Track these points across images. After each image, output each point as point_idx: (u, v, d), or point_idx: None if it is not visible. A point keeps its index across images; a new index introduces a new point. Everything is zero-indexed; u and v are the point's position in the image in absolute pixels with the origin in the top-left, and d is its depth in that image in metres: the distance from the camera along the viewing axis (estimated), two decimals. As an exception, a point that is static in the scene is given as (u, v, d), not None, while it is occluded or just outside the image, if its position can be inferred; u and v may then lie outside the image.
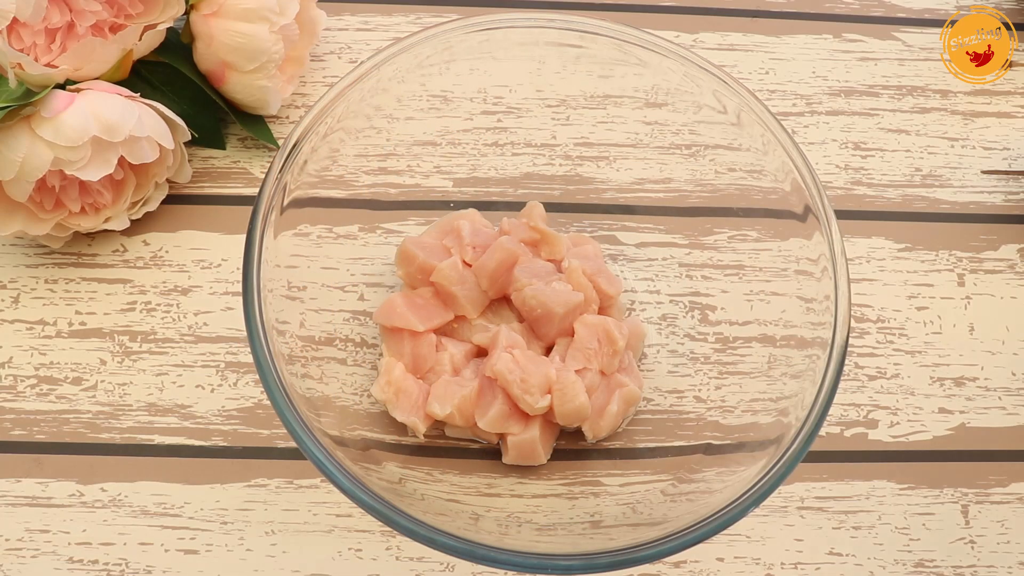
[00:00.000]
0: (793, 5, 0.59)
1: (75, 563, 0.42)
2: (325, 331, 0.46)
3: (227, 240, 0.50)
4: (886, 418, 0.47)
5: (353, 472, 0.35)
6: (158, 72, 0.50)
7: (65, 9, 0.44)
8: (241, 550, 0.43)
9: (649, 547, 0.34)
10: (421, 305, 0.45)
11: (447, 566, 0.43)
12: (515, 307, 0.45)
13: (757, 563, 0.43)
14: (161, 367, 0.46)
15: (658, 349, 0.47)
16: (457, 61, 0.46)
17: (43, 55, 0.45)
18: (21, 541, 0.42)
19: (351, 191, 0.48)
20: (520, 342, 0.44)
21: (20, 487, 0.43)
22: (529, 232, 0.47)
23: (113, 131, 0.43)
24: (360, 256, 0.48)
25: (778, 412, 0.41)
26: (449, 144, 0.50)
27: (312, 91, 0.54)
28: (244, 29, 0.47)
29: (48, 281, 0.48)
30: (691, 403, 0.46)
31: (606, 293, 0.45)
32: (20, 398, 0.45)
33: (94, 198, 0.47)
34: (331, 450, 0.35)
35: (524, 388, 0.42)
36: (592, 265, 0.46)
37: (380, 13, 0.57)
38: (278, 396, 0.36)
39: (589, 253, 0.47)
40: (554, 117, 0.51)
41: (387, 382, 0.43)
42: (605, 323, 0.44)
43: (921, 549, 0.44)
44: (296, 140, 0.41)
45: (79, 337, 0.47)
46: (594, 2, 0.59)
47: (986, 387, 0.48)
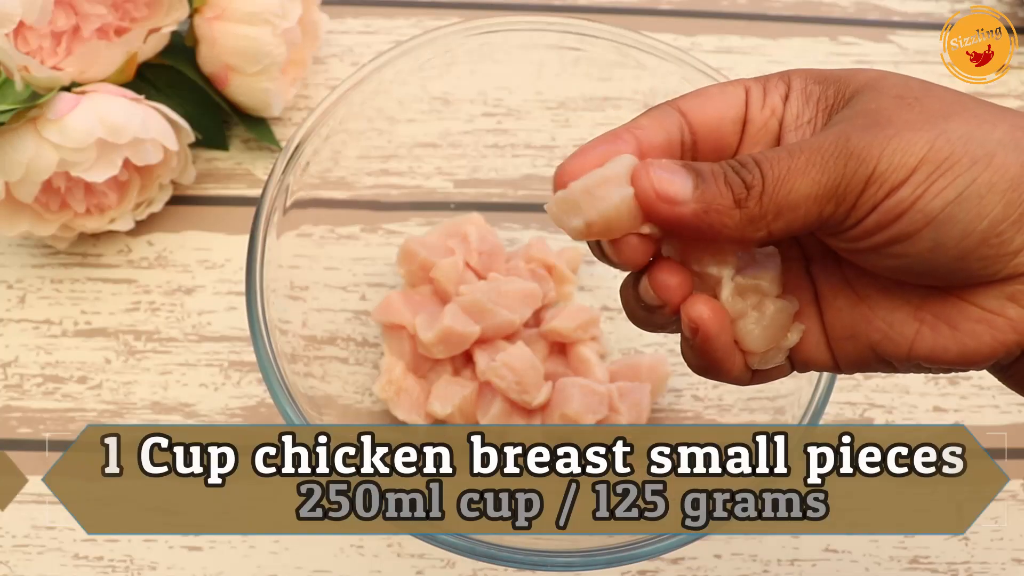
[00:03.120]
0: (790, 8, 0.60)
1: (80, 559, 0.42)
2: (327, 330, 0.46)
3: (230, 241, 0.50)
4: (882, 416, 0.47)
5: (355, 469, 0.36)
6: (162, 75, 0.50)
7: (71, 12, 0.45)
8: (244, 547, 0.43)
9: (648, 544, 0.35)
10: (419, 302, 0.45)
11: (448, 563, 0.43)
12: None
13: (754, 560, 0.44)
14: (165, 366, 0.47)
15: (656, 349, 0.48)
16: (458, 64, 0.47)
17: (49, 58, 0.45)
18: (27, 538, 0.43)
19: (353, 192, 0.48)
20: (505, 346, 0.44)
21: (26, 484, 0.44)
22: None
23: (118, 133, 0.43)
24: (362, 256, 0.49)
25: (775, 411, 0.41)
26: (450, 146, 0.51)
27: (314, 93, 0.55)
28: (247, 32, 0.47)
29: (54, 281, 0.49)
30: (689, 402, 0.46)
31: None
32: (26, 396, 0.46)
33: (99, 199, 0.47)
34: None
35: (521, 389, 0.42)
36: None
37: (382, 16, 0.57)
38: (281, 395, 0.36)
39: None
40: (554, 119, 0.52)
41: (388, 381, 0.44)
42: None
43: (916, 546, 0.44)
44: (299, 142, 0.41)
45: (84, 336, 0.47)
46: (593, 5, 0.59)
47: (980, 386, 0.48)
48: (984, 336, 0.25)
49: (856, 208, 0.24)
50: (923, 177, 0.23)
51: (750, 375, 0.28)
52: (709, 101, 0.28)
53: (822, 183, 0.24)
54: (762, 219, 0.24)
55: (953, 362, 0.25)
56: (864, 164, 0.23)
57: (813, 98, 0.27)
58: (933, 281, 0.25)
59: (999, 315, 0.24)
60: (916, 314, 0.26)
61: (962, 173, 0.23)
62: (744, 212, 0.24)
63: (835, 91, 0.27)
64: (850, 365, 0.27)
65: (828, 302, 0.27)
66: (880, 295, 0.26)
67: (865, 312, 0.26)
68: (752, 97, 0.28)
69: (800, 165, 0.24)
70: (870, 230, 0.24)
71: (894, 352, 0.26)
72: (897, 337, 0.26)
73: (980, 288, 0.25)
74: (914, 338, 0.26)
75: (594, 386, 0.43)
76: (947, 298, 0.25)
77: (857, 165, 0.24)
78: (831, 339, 0.27)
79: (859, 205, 0.24)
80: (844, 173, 0.24)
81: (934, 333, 0.25)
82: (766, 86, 0.28)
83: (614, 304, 0.49)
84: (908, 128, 0.24)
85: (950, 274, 0.24)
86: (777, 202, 0.24)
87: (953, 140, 0.23)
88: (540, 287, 0.46)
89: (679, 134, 0.27)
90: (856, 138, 0.24)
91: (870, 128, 0.24)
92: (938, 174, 0.23)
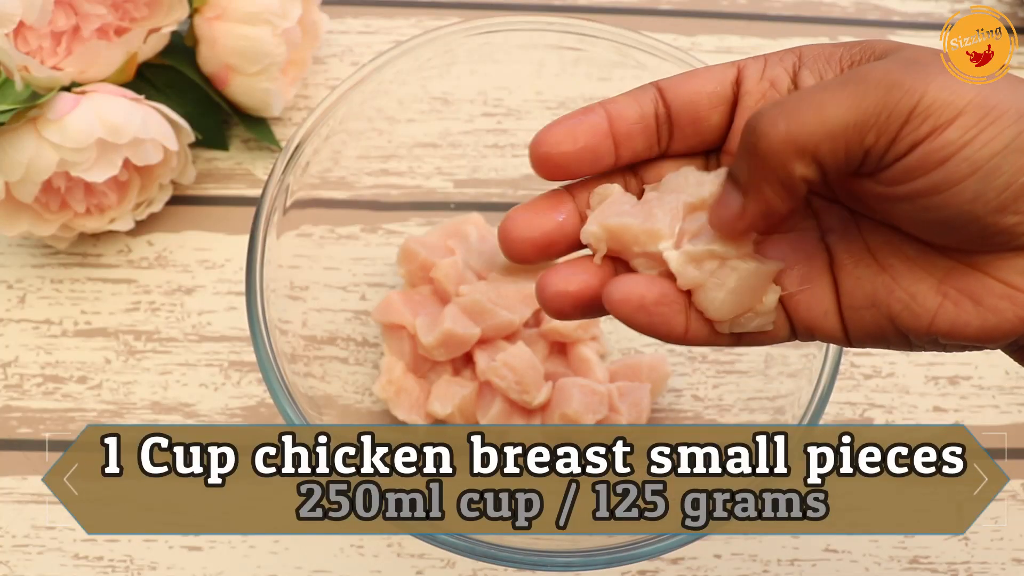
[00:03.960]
0: (790, 8, 0.60)
1: (80, 559, 0.42)
2: (327, 330, 0.46)
3: (230, 241, 0.50)
4: (881, 416, 0.47)
5: (355, 469, 0.36)
6: (162, 75, 0.50)
7: (71, 13, 0.45)
8: (244, 547, 0.43)
9: (647, 544, 0.35)
10: (419, 302, 0.45)
11: (447, 563, 0.43)
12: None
13: (754, 560, 0.44)
14: (165, 366, 0.47)
15: (656, 348, 0.48)
16: (458, 64, 0.47)
17: (49, 58, 0.45)
18: (27, 538, 0.43)
19: (353, 192, 0.48)
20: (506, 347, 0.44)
21: (26, 484, 0.44)
22: None
23: (118, 133, 0.43)
24: (362, 256, 0.49)
25: (775, 410, 0.41)
26: (450, 145, 0.51)
27: (314, 93, 0.55)
28: (247, 32, 0.47)
29: (54, 281, 0.49)
30: (689, 401, 0.46)
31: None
32: (26, 396, 0.46)
33: (99, 199, 0.47)
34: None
35: (521, 389, 0.42)
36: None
37: (382, 16, 0.57)
38: (281, 395, 0.36)
39: None
40: (553, 119, 0.52)
41: (388, 381, 0.44)
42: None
43: (916, 546, 0.44)
44: (299, 142, 0.41)
45: (84, 336, 0.47)
46: (593, 5, 0.59)
47: (980, 386, 0.48)
48: (1007, 312, 0.24)
49: (897, 142, 0.23)
50: (972, 122, 0.23)
51: (728, 339, 0.28)
52: (692, 80, 0.28)
53: (862, 108, 0.23)
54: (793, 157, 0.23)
55: (973, 338, 0.25)
56: (909, 95, 0.23)
57: (835, 58, 0.27)
58: (963, 240, 0.25)
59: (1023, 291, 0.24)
60: (939, 287, 0.25)
61: (1010, 124, 0.23)
62: (767, 162, 0.24)
63: (860, 50, 0.26)
64: (862, 338, 0.27)
65: (848, 271, 0.27)
66: (904, 265, 0.26)
67: (887, 282, 0.26)
68: (748, 72, 0.28)
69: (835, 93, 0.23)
70: (912, 170, 0.23)
71: (914, 325, 0.26)
72: (919, 309, 0.26)
73: (1006, 261, 0.24)
74: (936, 311, 0.25)
75: (594, 386, 0.43)
76: (972, 272, 0.25)
77: (901, 95, 0.23)
78: (846, 308, 0.27)
79: (901, 138, 0.23)
80: (887, 101, 0.23)
81: (956, 307, 0.25)
82: (768, 60, 0.28)
83: (614, 304, 0.49)
84: (948, 75, 0.23)
85: (983, 230, 0.24)
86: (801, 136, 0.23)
87: (1000, 91, 0.23)
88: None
89: (653, 108, 0.28)
90: (900, 72, 0.23)
91: (913, 66, 0.23)
92: (987, 122, 0.23)
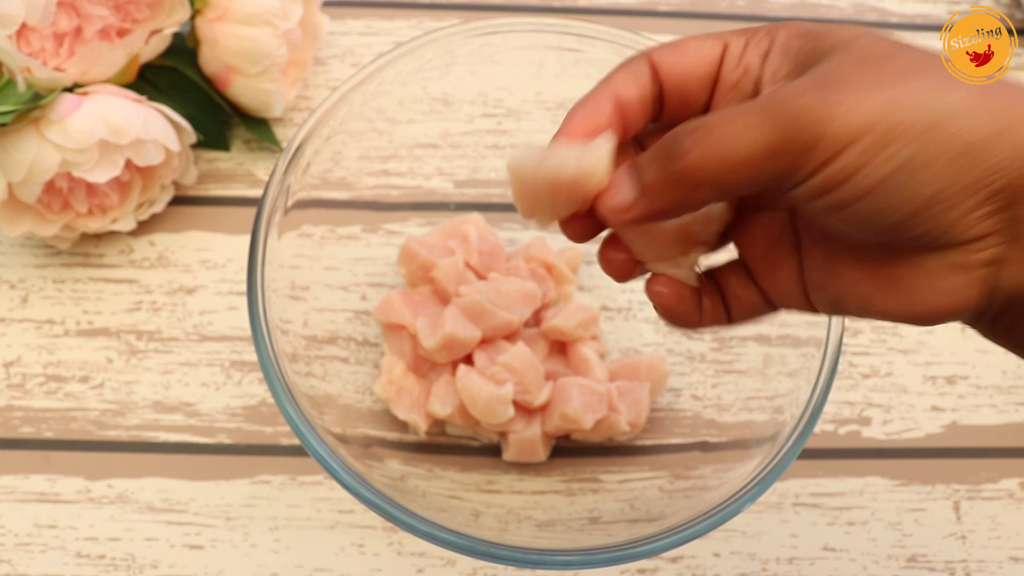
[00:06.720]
0: (788, 9, 0.60)
1: (83, 558, 0.43)
2: (328, 330, 0.46)
3: (232, 241, 0.50)
4: (879, 416, 0.47)
5: (355, 469, 0.36)
6: (164, 76, 0.50)
7: (73, 14, 0.45)
8: (245, 546, 0.43)
9: (646, 543, 0.35)
10: (419, 302, 0.45)
11: (448, 562, 0.43)
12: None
13: (752, 558, 0.44)
14: (167, 366, 0.47)
15: (655, 348, 0.48)
16: (458, 65, 0.47)
17: (51, 59, 0.45)
18: (30, 536, 0.43)
19: (353, 192, 0.48)
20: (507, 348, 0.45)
21: (29, 483, 0.44)
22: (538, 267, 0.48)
23: (120, 134, 0.44)
24: (362, 256, 0.49)
25: (773, 410, 0.42)
26: (450, 146, 0.51)
27: (315, 94, 0.55)
28: (248, 33, 0.48)
29: (56, 281, 0.49)
30: (688, 401, 0.46)
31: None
32: (29, 396, 0.46)
33: (101, 200, 0.47)
34: (334, 447, 0.36)
35: (522, 389, 0.42)
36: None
37: (382, 18, 0.58)
38: (282, 394, 0.36)
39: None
40: (553, 120, 0.52)
41: (389, 380, 0.44)
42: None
43: (913, 544, 0.45)
44: (299, 142, 0.41)
45: (86, 336, 0.48)
46: (592, 6, 0.59)
47: (977, 385, 0.48)
48: (931, 301, 0.25)
49: (800, 168, 0.24)
50: (867, 145, 0.23)
51: (726, 322, 0.30)
52: (684, 57, 0.29)
53: (768, 139, 0.24)
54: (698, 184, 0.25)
55: (906, 321, 0.26)
56: (812, 124, 0.24)
57: (792, 52, 0.27)
58: (882, 242, 0.26)
59: (942, 281, 0.25)
60: (871, 275, 0.26)
61: (911, 141, 0.23)
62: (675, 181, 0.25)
63: (813, 47, 0.27)
64: (826, 311, 0.29)
65: (808, 253, 0.28)
66: (844, 253, 0.27)
67: (833, 267, 0.27)
68: (729, 54, 0.29)
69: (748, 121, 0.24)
70: (817, 189, 0.24)
71: (852, 308, 0.27)
72: (854, 295, 0.27)
73: (928, 254, 0.25)
74: (869, 297, 0.27)
75: (593, 385, 0.43)
76: (899, 262, 0.26)
77: (806, 122, 0.24)
78: (807, 287, 0.29)
79: (802, 165, 0.24)
80: (790, 131, 0.24)
81: (886, 295, 0.26)
82: (749, 41, 0.29)
83: (614, 304, 0.49)
84: (863, 89, 0.24)
85: (895, 237, 0.25)
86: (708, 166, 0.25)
87: (906, 105, 0.23)
88: (540, 287, 0.46)
89: (649, 88, 0.29)
90: (812, 94, 0.24)
91: (820, 88, 0.24)
92: (884, 142, 0.23)
